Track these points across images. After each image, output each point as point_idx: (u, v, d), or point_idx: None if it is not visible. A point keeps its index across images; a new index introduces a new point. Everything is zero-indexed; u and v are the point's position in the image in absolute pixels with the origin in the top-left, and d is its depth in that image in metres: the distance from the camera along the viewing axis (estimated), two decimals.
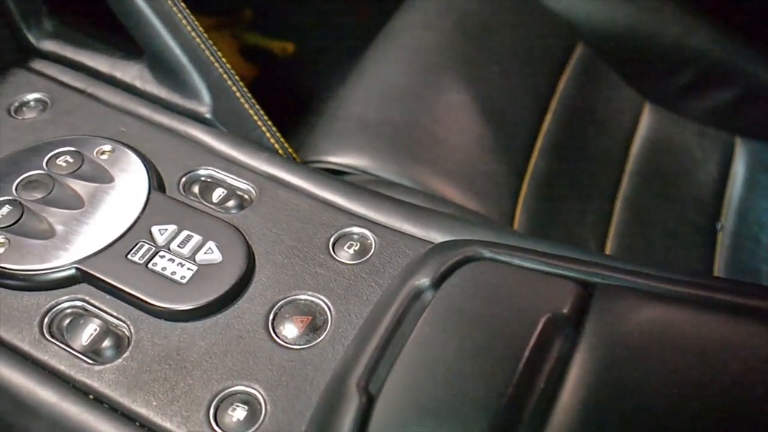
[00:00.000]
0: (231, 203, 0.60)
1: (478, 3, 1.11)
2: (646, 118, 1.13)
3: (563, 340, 0.45)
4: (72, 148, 0.62)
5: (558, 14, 1.15)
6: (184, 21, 0.66)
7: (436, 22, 1.05)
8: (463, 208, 0.80)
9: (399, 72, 0.97)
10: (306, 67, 1.41)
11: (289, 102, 1.29)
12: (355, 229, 0.57)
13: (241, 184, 0.61)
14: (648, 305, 0.46)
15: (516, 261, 0.51)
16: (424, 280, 0.50)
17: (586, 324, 0.45)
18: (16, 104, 0.69)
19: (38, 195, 0.58)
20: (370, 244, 0.56)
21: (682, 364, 0.43)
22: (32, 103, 0.69)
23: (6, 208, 0.57)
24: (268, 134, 0.70)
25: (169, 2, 0.66)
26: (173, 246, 0.55)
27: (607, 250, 0.98)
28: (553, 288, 0.48)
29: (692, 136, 1.13)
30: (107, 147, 0.62)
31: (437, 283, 0.49)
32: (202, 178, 0.62)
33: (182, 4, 0.67)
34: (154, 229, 0.56)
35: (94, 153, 0.62)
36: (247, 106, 0.69)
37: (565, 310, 0.46)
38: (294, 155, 0.70)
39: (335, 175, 0.80)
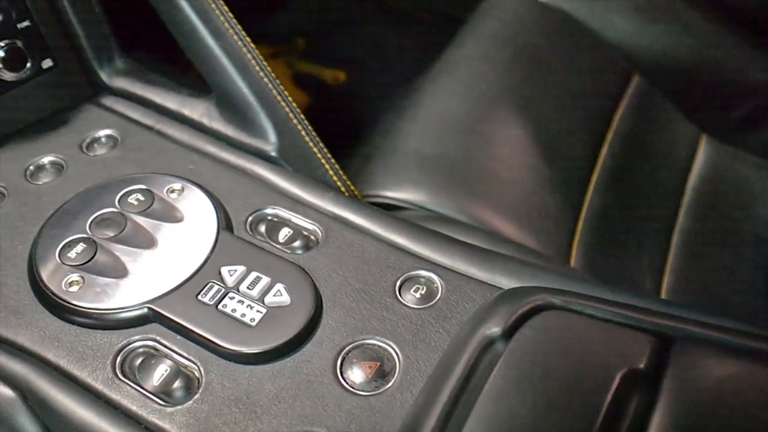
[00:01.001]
0: (297, 243, 0.61)
1: (534, 34, 1.11)
2: (704, 152, 1.12)
3: (640, 396, 0.44)
4: (143, 186, 0.63)
5: (614, 45, 1.14)
6: (253, 61, 0.67)
7: (492, 55, 1.05)
8: (522, 246, 0.80)
9: (455, 105, 0.97)
10: (358, 96, 1.42)
11: (342, 130, 1.30)
12: (422, 273, 0.57)
13: (306, 224, 0.62)
14: (728, 361, 0.45)
15: (588, 311, 0.50)
16: (494, 330, 0.49)
17: (664, 380, 0.44)
18: (88, 140, 0.71)
19: (111, 233, 0.60)
20: (437, 288, 0.56)
21: (765, 424, 0.42)
22: (103, 140, 0.71)
23: (80, 246, 0.59)
24: (331, 172, 0.70)
25: (239, 43, 0.67)
26: (242, 287, 0.55)
27: (663, 288, 0.96)
28: (629, 341, 0.47)
29: (751, 170, 1.11)
30: (177, 185, 0.63)
31: (509, 333, 0.49)
32: (269, 218, 0.63)
33: (251, 44, 0.68)
34: (224, 270, 0.57)
35: (164, 191, 0.63)
36: (311, 144, 0.69)
37: (641, 365, 0.46)
38: (356, 194, 0.71)
39: (395, 213, 0.81)
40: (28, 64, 0.70)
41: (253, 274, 0.56)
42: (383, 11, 1.56)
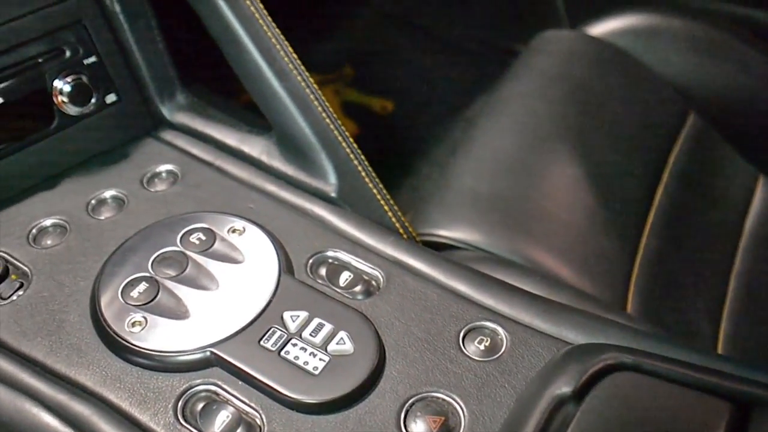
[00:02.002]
0: (358, 288, 0.60)
1: (588, 71, 1.09)
2: (761, 192, 1.09)
3: None
4: (204, 226, 0.63)
5: (670, 82, 1.13)
6: (315, 102, 0.67)
7: (546, 91, 1.04)
8: (579, 292, 0.78)
9: (509, 142, 0.96)
10: (405, 125, 1.42)
11: (389, 159, 1.30)
12: (486, 324, 0.56)
13: (367, 268, 0.61)
14: None
15: (661, 372, 0.49)
16: (565, 389, 0.48)
17: None
18: (149, 175, 0.71)
19: (173, 272, 0.60)
20: (501, 340, 0.55)
21: None
22: (164, 175, 0.71)
23: (143, 285, 0.59)
24: (390, 213, 0.70)
25: (303, 83, 0.67)
26: (305, 334, 0.55)
27: (721, 333, 0.94)
28: (706, 408, 0.46)
29: None
30: (238, 225, 0.63)
31: (580, 394, 0.48)
32: (330, 260, 0.62)
33: (314, 85, 0.68)
34: (286, 315, 0.56)
35: (226, 231, 0.63)
36: (371, 185, 0.69)
37: None
38: (415, 236, 0.70)
39: (450, 252, 0.80)
40: (93, 99, 0.70)
41: (316, 321, 0.56)
42: (431, 40, 1.56)
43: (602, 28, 1.19)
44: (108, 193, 0.69)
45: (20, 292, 0.61)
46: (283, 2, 0.79)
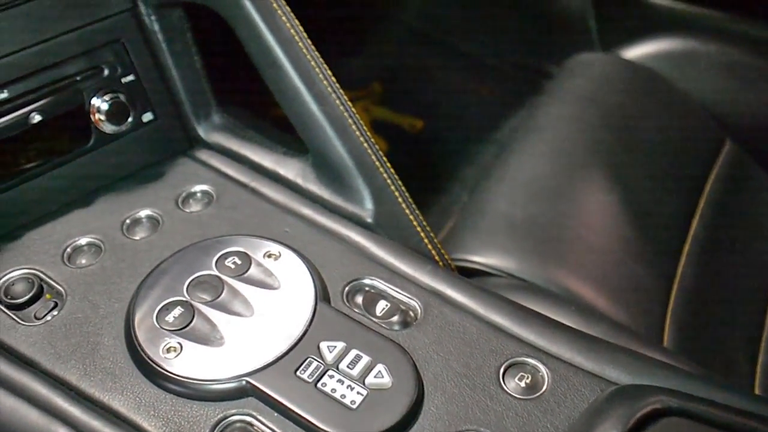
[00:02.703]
0: (395, 318, 0.59)
1: (623, 95, 1.08)
2: None
3: None
4: (240, 249, 0.62)
5: (706, 107, 1.11)
6: (353, 126, 0.67)
7: (580, 116, 1.03)
8: (616, 324, 0.77)
9: (543, 167, 0.95)
10: (434, 144, 1.41)
11: (418, 178, 1.29)
12: (527, 360, 0.55)
13: (405, 298, 0.60)
14: None
15: (709, 416, 0.47)
16: None
17: None
18: (184, 195, 0.70)
19: (208, 297, 0.59)
20: (542, 377, 0.54)
21: None
22: (199, 195, 0.71)
23: (178, 310, 0.58)
24: (426, 240, 0.69)
25: (341, 107, 0.66)
26: (342, 366, 0.54)
27: (758, 367, 0.91)
28: None
29: None
30: (274, 250, 0.62)
31: None
32: (366, 288, 0.61)
33: (353, 109, 0.67)
34: (323, 346, 0.55)
35: (261, 256, 0.62)
36: (408, 212, 0.68)
37: None
38: (451, 265, 0.69)
39: (484, 279, 0.79)
40: (130, 118, 0.70)
41: (353, 352, 0.54)
42: (460, 58, 1.55)
43: (636, 51, 1.18)
44: (143, 213, 0.69)
45: (54, 313, 0.60)
46: (314, 18, 0.78)
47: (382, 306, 0.60)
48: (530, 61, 1.46)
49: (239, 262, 0.62)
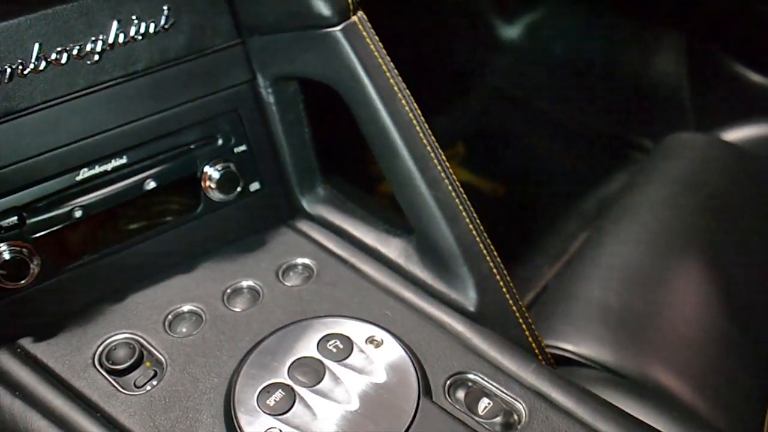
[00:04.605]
0: (498, 419, 0.57)
1: (724, 178, 1.05)
2: None
3: None
4: (342, 333, 0.62)
5: None
6: (464, 213, 0.66)
7: (679, 200, 1.00)
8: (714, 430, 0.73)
9: (640, 253, 0.92)
10: (516, 211, 1.39)
11: (498, 246, 1.27)
12: None
13: (508, 398, 0.58)
14: None
15: None
16: None
17: None
18: (285, 267, 0.70)
19: (309, 382, 0.58)
20: None
21: None
22: (299, 268, 0.70)
23: (279, 393, 0.57)
24: (527, 333, 0.67)
25: (453, 193, 0.66)
26: None
27: None
28: None
29: None
30: (377, 336, 0.61)
31: None
32: (469, 384, 0.60)
33: (464, 195, 0.66)
34: None
35: (364, 341, 0.61)
36: (511, 302, 0.66)
37: None
38: (551, 361, 0.67)
39: (576, 370, 0.76)
40: (239, 188, 0.71)
41: None
42: (547, 124, 1.53)
43: (738, 133, 1.15)
44: (244, 283, 0.69)
45: (154, 382, 0.60)
46: (400, 73, 0.78)
47: (484, 404, 0.58)
48: (620, 132, 1.43)
49: (341, 346, 0.61)
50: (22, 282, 0.63)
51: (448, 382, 0.60)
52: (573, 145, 1.48)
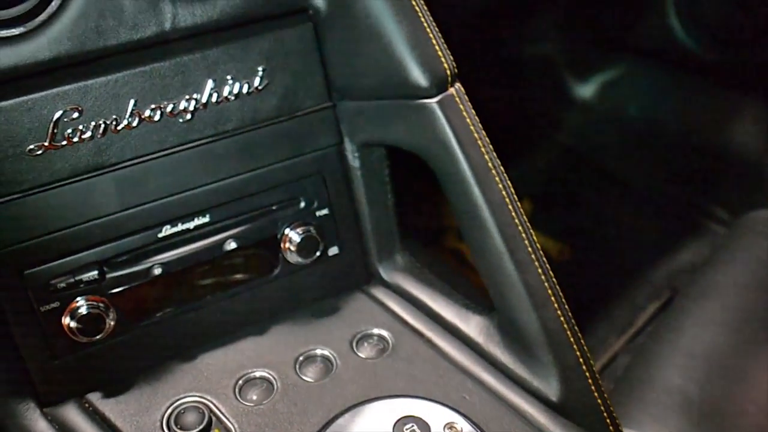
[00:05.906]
0: None
1: None
2: None
3: None
4: (420, 416, 0.59)
5: None
6: (553, 298, 0.63)
7: (764, 282, 0.95)
8: None
9: (723, 340, 0.88)
10: (581, 276, 1.35)
11: None
12: None
13: None
14: None
15: None
16: None
17: None
18: (359, 337, 0.68)
19: None
20: None
21: None
22: (374, 339, 0.68)
23: None
24: (611, 428, 0.63)
25: (542, 277, 0.63)
26: None
27: None
28: None
29: None
30: (456, 424, 0.58)
31: None
32: None
33: (554, 279, 0.64)
34: None
35: (442, 426, 0.58)
36: (596, 395, 0.63)
37: None
38: None
39: None
40: (318, 252, 0.69)
41: None
42: (615, 184, 1.50)
43: None
44: (318, 352, 0.67)
45: None
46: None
47: None
48: (693, 200, 1.39)
49: (418, 431, 0.58)
50: (97, 337, 0.62)
51: None
52: (642, 209, 1.43)
